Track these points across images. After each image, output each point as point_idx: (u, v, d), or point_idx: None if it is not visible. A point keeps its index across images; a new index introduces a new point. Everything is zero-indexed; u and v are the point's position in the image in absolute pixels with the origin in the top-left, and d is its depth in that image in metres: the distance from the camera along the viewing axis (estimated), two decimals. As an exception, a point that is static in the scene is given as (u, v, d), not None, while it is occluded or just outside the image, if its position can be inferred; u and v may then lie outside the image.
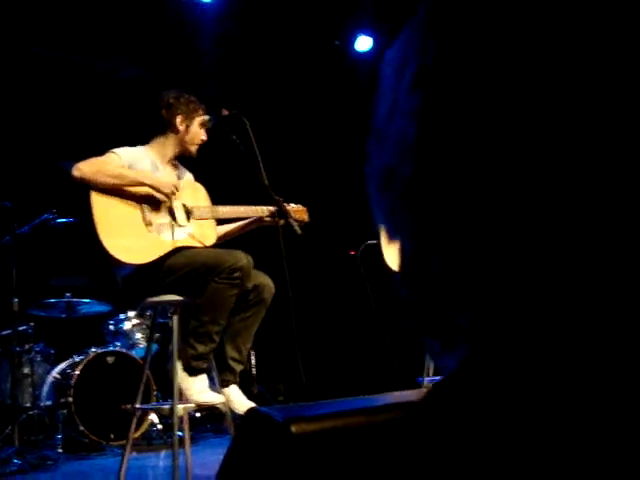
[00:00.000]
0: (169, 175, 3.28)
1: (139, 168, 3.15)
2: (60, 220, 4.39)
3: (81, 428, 4.64)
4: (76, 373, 4.77)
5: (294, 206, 3.42)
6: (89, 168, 3.02)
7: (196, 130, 3.28)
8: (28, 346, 4.89)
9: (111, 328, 5.31)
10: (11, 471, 3.81)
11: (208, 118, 3.29)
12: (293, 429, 0.38)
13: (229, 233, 3.45)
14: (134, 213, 3.07)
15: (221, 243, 3.33)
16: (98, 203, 3.00)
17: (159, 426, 5.00)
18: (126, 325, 5.31)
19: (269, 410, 0.40)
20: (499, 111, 0.38)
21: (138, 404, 3.16)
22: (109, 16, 5.58)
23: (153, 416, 4.97)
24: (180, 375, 3.01)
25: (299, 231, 3.08)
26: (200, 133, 3.30)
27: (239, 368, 3.22)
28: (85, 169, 3.01)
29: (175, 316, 3.03)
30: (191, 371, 3.04)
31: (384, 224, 0.45)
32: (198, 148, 3.32)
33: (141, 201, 3.10)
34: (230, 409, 3.14)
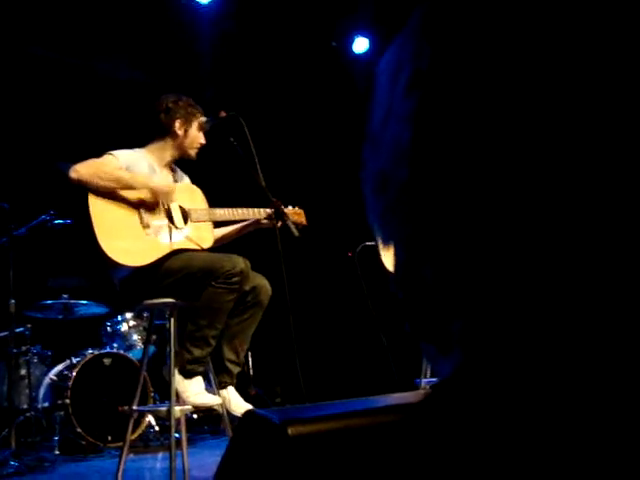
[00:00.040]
0: (166, 178, 3.27)
1: (136, 170, 3.14)
2: (57, 221, 4.38)
3: (78, 430, 4.64)
4: (73, 375, 4.76)
5: (291, 209, 3.42)
6: (86, 170, 3.01)
7: (195, 134, 3.28)
8: (25, 348, 4.88)
9: (108, 330, 5.30)
10: (8, 473, 3.79)
11: (205, 120, 3.28)
12: (290, 431, 0.38)
13: (226, 235, 3.44)
14: (131, 215, 3.06)
15: (218, 246, 3.33)
16: (96, 205, 2.99)
17: (156, 428, 4.99)
18: (123, 327, 5.30)
19: (266, 412, 0.40)
20: (494, 116, 0.38)
21: (135, 406, 3.16)
22: (107, 18, 5.58)
23: (150, 418, 4.97)
24: (176, 378, 3.01)
25: (296, 233, 3.07)
26: (199, 137, 3.29)
27: (236, 370, 3.21)
28: (82, 171, 3.00)
29: (172, 318, 3.03)
30: (187, 374, 3.04)
31: (379, 229, 0.45)
32: (197, 151, 3.32)
33: (138, 203, 3.09)
34: (227, 411, 3.14)
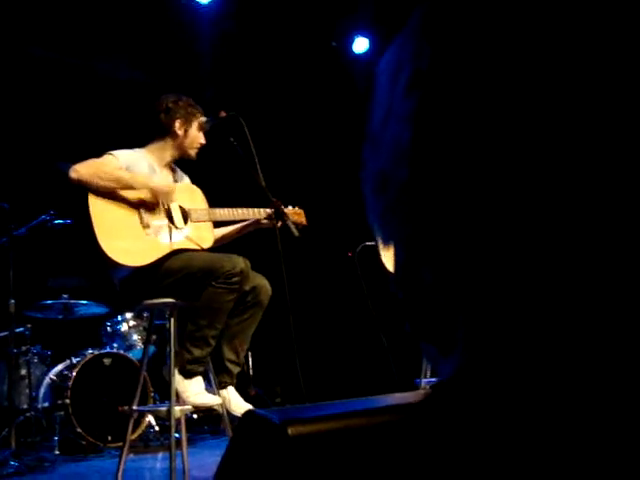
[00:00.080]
0: (166, 178, 3.27)
1: (136, 170, 3.14)
2: (57, 221, 4.38)
3: (78, 430, 4.64)
4: (73, 375, 4.76)
5: (291, 209, 3.42)
6: (86, 170, 3.01)
7: (195, 134, 3.27)
8: (25, 348, 4.88)
9: (108, 330, 5.30)
10: (8, 473, 3.79)
11: (206, 120, 3.28)
12: (290, 431, 0.38)
13: (226, 236, 3.44)
14: (131, 215, 3.06)
15: (218, 246, 3.33)
16: (96, 205, 2.99)
17: (156, 428, 4.99)
18: (123, 327, 5.30)
19: (266, 412, 0.40)
20: (494, 116, 0.38)
21: (135, 406, 3.16)
22: (107, 18, 5.58)
23: (150, 418, 4.97)
24: (176, 378, 3.01)
25: (296, 233, 3.07)
26: (199, 137, 3.29)
27: (236, 370, 3.21)
28: (82, 171, 3.00)
29: (172, 318, 3.03)
30: (187, 374, 3.04)
31: (379, 229, 0.45)
32: (197, 151, 3.32)
33: (139, 203, 3.09)
34: (227, 411, 3.14)
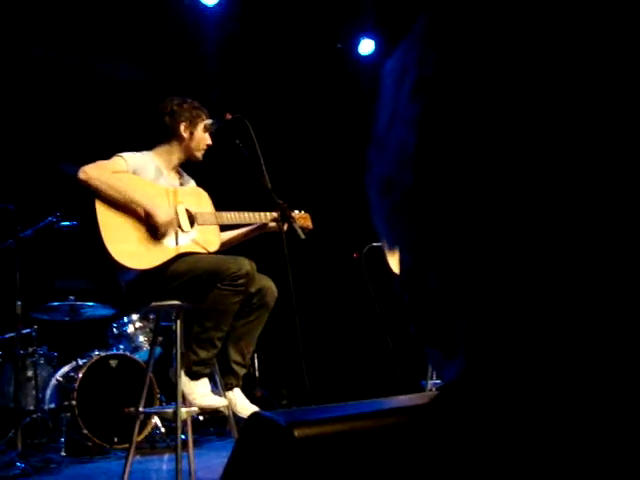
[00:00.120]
0: (173, 181, 3.27)
1: (144, 174, 3.14)
2: (64, 223, 4.38)
3: (84, 431, 4.64)
4: (79, 376, 4.77)
5: (298, 213, 3.41)
6: (95, 172, 3.00)
7: (201, 135, 3.27)
8: (31, 349, 4.90)
9: (114, 331, 5.31)
10: (14, 474, 3.80)
11: (211, 122, 3.28)
12: (296, 433, 0.38)
13: (233, 239, 3.43)
14: (138, 218, 3.06)
15: (225, 249, 3.33)
16: (102, 208, 2.99)
17: (162, 429, 4.99)
18: (129, 328, 5.31)
19: (272, 414, 0.40)
20: (498, 122, 0.38)
21: (141, 407, 3.16)
22: (113, 20, 5.59)
23: (156, 419, 4.97)
24: (182, 379, 3.01)
25: (302, 235, 3.06)
26: (205, 138, 3.28)
27: (242, 372, 3.21)
28: (91, 172, 2.99)
29: (178, 321, 3.03)
30: (193, 376, 3.04)
31: (384, 232, 0.45)
32: (204, 153, 3.31)
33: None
34: (233, 413, 3.14)
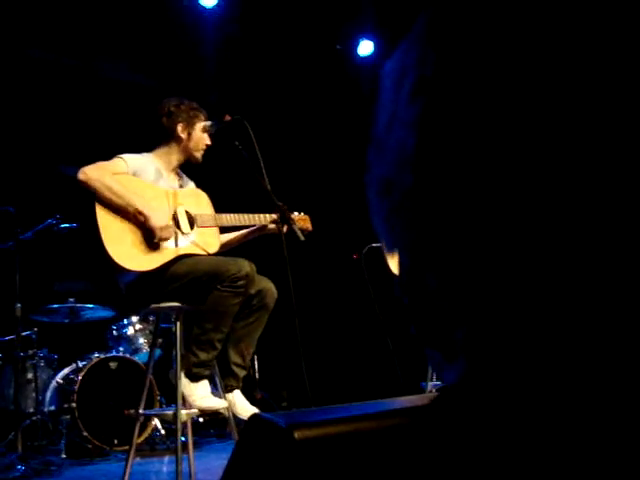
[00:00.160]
0: (172, 183, 3.27)
1: (144, 175, 3.15)
2: (63, 225, 4.38)
3: (84, 433, 4.64)
4: (79, 378, 4.76)
5: (297, 214, 3.41)
6: (95, 173, 3.00)
7: (199, 136, 3.27)
8: (31, 351, 4.89)
9: (114, 333, 5.31)
10: (14, 477, 3.79)
11: (210, 124, 3.28)
12: (296, 435, 0.38)
13: (232, 241, 3.44)
14: (137, 221, 3.06)
15: (224, 251, 3.33)
16: (102, 210, 2.99)
17: (162, 431, 4.99)
18: (129, 330, 5.31)
19: (272, 416, 0.40)
20: (498, 123, 0.38)
21: (141, 409, 3.15)
22: (112, 22, 5.59)
23: (156, 421, 4.97)
24: (182, 381, 3.01)
25: (302, 237, 3.06)
26: (204, 138, 3.28)
27: (242, 373, 3.21)
28: (90, 173, 2.99)
29: (177, 322, 3.03)
30: (193, 377, 3.04)
31: (384, 233, 0.45)
32: (203, 153, 3.31)
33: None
34: (233, 414, 3.14)
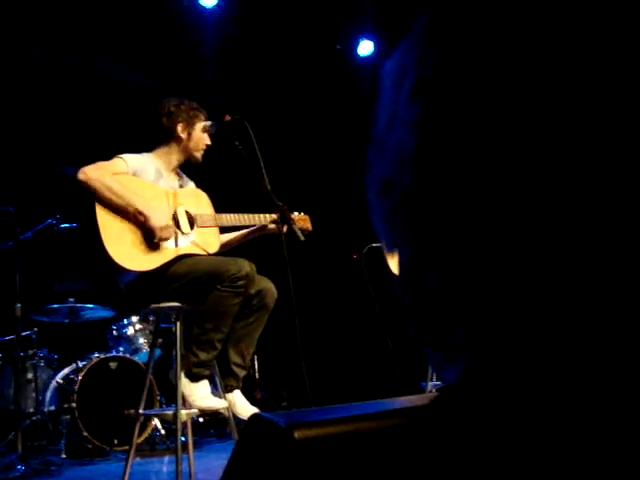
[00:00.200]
0: (172, 183, 3.27)
1: (144, 175, 3.15)
2: (63, 225, 4.38)
3: (84, 433, 4.64)
4: (79, 378, 4.77)
5: (297, 214, 3.41)
6: (95, 173, 3.00)
7: (199, 136, 3.27)
8: (31, 351, 4.89)
9: (114, 333, 5.31)
10: (14, 477, 3.79)
11: (210, 124, 3.28)
12: (296, 435, 0.38)
13: (232, 241, 3.44)
14: (137, 221, 3.06)
15: (224, 251, 3.33)
16: (102, 210, 2.99)
17: (162, 431, 4.99)
18: (129, 330, 5.31)
19: (272, 416, 0.40)
20: (498, 123, 0.38)
21: (141, 409, 3.15)
22: (112, 22, 5.59)
23: (156, 421, 4.97)
24: (182, 381, 3.01)
25: (302, 237, 3.06)
26: (204, 138, 3.28)
27: (242, 373, 3.21)
28: (90, 173, 2.99)
29: (177, 322, 3.03)
30: (193, 377, 3.04)
31: (384, 233, 0.45)
32: (203, 153, 3.31)
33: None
34: (233, 414, 3.14)
